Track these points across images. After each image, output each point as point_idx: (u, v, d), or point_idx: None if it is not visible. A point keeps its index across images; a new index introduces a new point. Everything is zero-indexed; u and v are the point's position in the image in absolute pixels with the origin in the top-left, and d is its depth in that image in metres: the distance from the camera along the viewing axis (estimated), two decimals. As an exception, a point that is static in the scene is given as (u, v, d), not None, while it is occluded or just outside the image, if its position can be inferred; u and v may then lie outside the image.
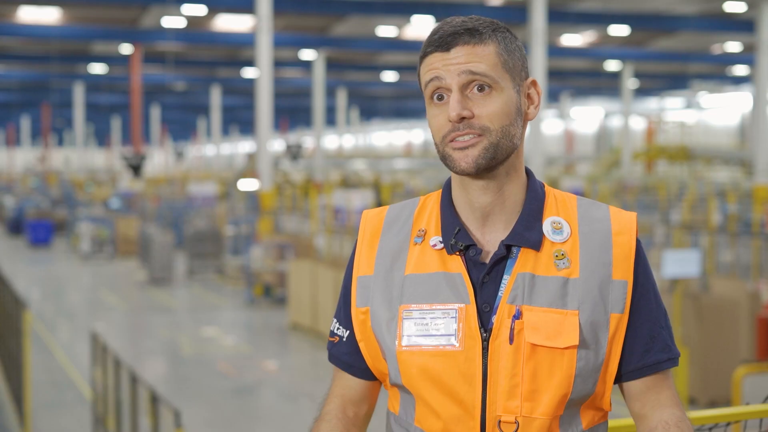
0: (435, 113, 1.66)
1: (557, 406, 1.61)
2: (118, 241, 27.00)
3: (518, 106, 1.66)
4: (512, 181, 1.68)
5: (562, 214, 1.69)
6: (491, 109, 1.62)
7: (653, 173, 36.26)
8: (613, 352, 1.64)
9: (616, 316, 1.64)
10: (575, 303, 1.62)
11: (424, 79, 1.67)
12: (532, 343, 1.60)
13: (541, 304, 1.61)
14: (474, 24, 1.65)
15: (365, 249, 1.75)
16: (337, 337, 1.77)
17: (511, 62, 1.66)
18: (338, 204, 21.55)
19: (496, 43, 1.65)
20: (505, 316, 1.61)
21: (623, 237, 1.67)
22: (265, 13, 19.76)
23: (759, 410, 2.50)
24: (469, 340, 1.61)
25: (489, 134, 1.62)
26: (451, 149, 1.63)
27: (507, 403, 1.60)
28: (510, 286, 1.62)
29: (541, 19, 20.31)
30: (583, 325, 1.61)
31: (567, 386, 1.60)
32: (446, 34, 1.65)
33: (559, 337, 1.60)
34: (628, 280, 1.65)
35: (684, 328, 10.21)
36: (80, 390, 11.76)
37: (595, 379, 1.63)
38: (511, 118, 1.64)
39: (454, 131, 1.62)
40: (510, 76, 1.65)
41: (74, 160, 69.39)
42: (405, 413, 1.69)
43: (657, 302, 1.70)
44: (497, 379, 1.60)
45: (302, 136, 63.75)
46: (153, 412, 6.93)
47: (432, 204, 1.76)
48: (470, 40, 1.64)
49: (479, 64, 1.62)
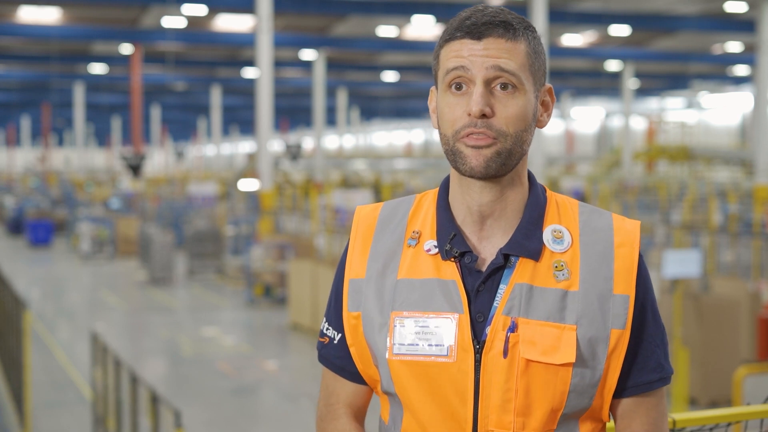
0: (451, 102, 1.57)
1: (548, 420, 1.56)
2: (118, 241, 27.00)
3: (534, 111, 1.60)
4: (515, 186, 1.62)
5: (563, 222, 1.63)
6: (511, 111, 1.55)
7: (654, 173, 36.27)
8: (611, 368, 1.58)
9: (617, 332, 1.57)
10: (573, 317, 1.55)
11: (447, 65, 1.57)
12: (527, 359, 1.54)
13: (538, 317, 1.55)
14: (508, 17, 1.57)
15: (357, 249, 1.68)
16: (327, 338, 1.72)
17: (536, 65, 1.60)
18: (338, 204, 21.55)
19: (527, 42, 1.58)
20: (500, 328, 1.55)
21: (625, 249, 1.60)
22: (265, 13, 19.76)
23: (760, 410, 2.49)
24: (461, 352, 1.56)
25: (504, 139, 1.55)
26: (464, 145, 1.56)
27: (499, 418, 1.55)
28: (506, 296, 1.56)
29: (542, 19, 20.31)
30: (581, 340, 1.55)
31: (559, 402, 1.55)
32: (480, 22, 1.55)
33: (556, 353, 1.54)
34: (629, 294, 1.58)
35: (684, 329, 10.20)
36: (80, 390, 11.75)
37: (591, 394, 1.58)
38: (526, 123, 1.57)
39: (470, 126, 1.55)
40: (533, 79, 1.59)
41: (74, 160, 69.46)
42: (393, 423, 1.65)
43: (655, 319, 1.64)
44: (490, 393, 1.55)
45: (302, 136, 63.81)
46: (153, 412, 6.93)
47: (428, 204, 1.69)
48: (504, 34, 1.56)
49: (509, 61, 1.55)
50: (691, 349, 10.17)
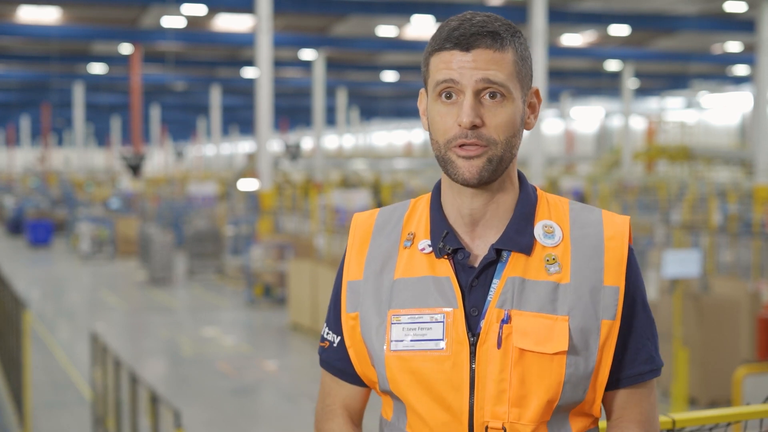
0: (442, 111, 1.62)
1: (544, 412, 1.59)
2: (118, 241, 26.99)
3: (522, 116, 1.64)
4: (505, 189, 1.66)
5: (554, 218, 1.67)
6: (500, 120, 1.59)
7: (653, 173, 36.27)
8: (603, 360, 1.61)
9: (608, 322, 1.61)
10: (565, 308, 1.59)
11: (437, 76, 1.61)
12: (520, 348, 1.57)
13: (531, 309, 1.59)
14: (495, 27, 1.60)
15: (355, 253, 1.73)
16: (327, 342, 1.76)
17: (523, 71, 1.63)
18: (338, 204, 21.56)
19: (513, 51, 1.61)
20: (494, 321, 1.59)
21: (615, 242, 1.64)
22: (265, 13, 19.76)
23: (759, 410, 2.50)
24: (456, 345, 1.59)
25: (495, 147, 1.59)
26: (455, 156, 1.60)
27: (494, 409, 1.58)
28: (499, 290, 1.60)
29: (541, 19, 20.31)
30: (573, 331, 1.58)
31: (555, 392, 1.58)
32: (468, 33, 1.59)
33: (549, 343, 1.57)
34: (619, 286, 1.62)
35: (684, 328, 10.21)
36: (80, 390, 11.76)
37: (585, 386, 1.61)
38: (515, 129, 1.62)
39: (461, 137, 1.59)
40: (520, 85, 1.63)
41: (74, 160, 69.44)
42: (397, 419, 1.68)
43: (645, 311, 1.67)
44: (485, 384, 1.58)
45: (302, 136, 63.80)
46: (153, 413, 6.93)
47: (422, 207, 1.73)
48: (492, 44, 1.59)
49: (498, 72, 1.58)
50: (690, 349, 10.17)
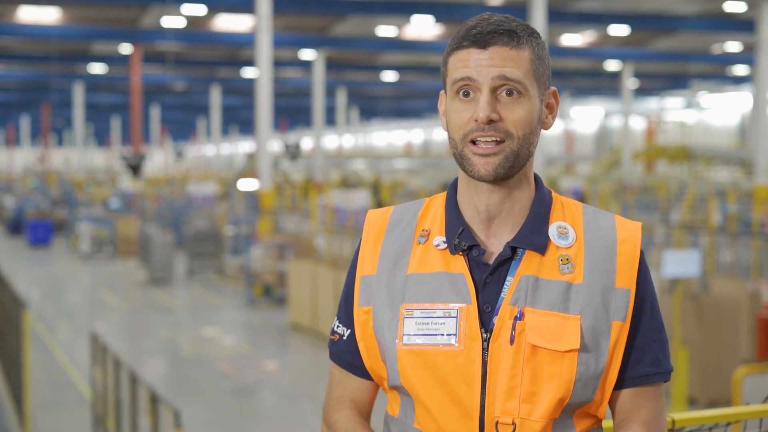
0: (459, 108, 1.64)
1: (554, 409, 1.60)
2: (118, 241, 26.99)
3: (540, 114, 1.67)
4: (522, 187, 1.68)
5: (568, 220, 1.70)
6: (517, 116, 1.62)
7: (653, 173, 36.26)
8: (614, 360, 1.64)
9: (618, 324, 1.63)
10: (577, 308, 1.62)
11: (455, 74, 1.64)
12: (533, 345, 1.60)
13: (544, 307, 1.61)
14: (512, 26, 1.63)
15: (369, 249, 1.74)
16: (337, 335, 1.77)
17: (541, 70, 1.66)
18: (338, 204, 21.56)
19: (531, 49, 1.64)
20: (507, 317, 1.61)
21: (628, 246, 1.67)
22: (265, 13, 19.76)
23: (759, 410, 2.50)
24: (469, 341, 1.61)
25: (511, 140, 1.62)
26: (472, 152, 1.63)
27: (505, 405, 1.60)
28: (513, 287, 1.62)
29: (541, 19, 20.31)
30: (585, 330, 1.61)
31: (566, 390, 1.60)
32: (485, 31, 1.62)
33: (561, 341, 1.60)
34: (630, 288, 1.65)
35: (684, 328, 10.21)
36: (80, 390, 11.76)
37: (594, 386, 1.63)
38: (532, 126, 1.64)
39: (478, 131, 1.61)
40: (537, 84, 1.65)
41: (74, 160, 69.45)
42: (405, 415, 1.68)
43: (653, 315, 1.69)
44: (496, 379, 1.60)
45: (302, 136, 63.79)
46: (153, 412, 6.93)
47: (437, 205, 1.75)
48: (508, 42, 1.62)
49: (514, 70, 1.61)
50: (690, 349, 10.18)
